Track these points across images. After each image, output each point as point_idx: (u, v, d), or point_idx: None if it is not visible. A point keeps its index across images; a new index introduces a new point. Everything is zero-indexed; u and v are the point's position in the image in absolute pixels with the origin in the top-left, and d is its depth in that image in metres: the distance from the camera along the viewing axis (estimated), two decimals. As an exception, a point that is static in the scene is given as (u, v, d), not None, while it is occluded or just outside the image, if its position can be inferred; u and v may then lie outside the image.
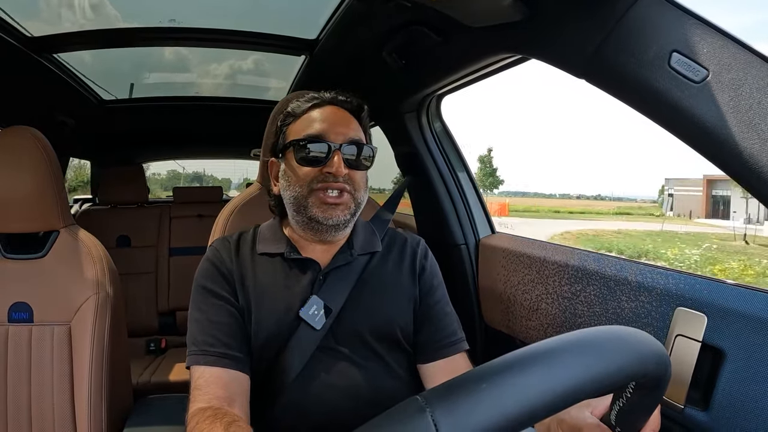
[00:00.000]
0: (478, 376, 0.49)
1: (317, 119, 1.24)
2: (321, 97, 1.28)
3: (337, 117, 1.25)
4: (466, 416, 0.45)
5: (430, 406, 0.45)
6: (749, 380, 0.94)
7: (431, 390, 0.49)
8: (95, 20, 1.97)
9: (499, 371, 0.50)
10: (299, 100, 1.30)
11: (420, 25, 1.53)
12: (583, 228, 30.01)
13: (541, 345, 0.53)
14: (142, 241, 3.55)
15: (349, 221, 1.23)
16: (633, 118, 20.17)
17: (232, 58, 2.61)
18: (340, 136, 1.21)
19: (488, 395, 0.47)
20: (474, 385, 0.48)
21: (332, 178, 1.19)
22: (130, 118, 3.24)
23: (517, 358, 0.51)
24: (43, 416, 1.40)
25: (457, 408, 0.46)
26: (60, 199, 1.49)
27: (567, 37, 1.11)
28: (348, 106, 1.29)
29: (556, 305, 1.48)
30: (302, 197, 1.21)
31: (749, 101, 0.83)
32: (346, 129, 1.23)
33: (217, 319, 1.18)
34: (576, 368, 0.50)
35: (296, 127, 1.26)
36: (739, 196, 33.50)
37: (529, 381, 0.49)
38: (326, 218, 1.19)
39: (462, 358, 1.28)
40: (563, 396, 0.49)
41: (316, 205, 1.19)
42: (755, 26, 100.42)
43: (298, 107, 1.28)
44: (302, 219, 1.23)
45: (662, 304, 1.14)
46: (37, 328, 1.42)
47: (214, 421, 0.96)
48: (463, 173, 2.13)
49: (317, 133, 1.21)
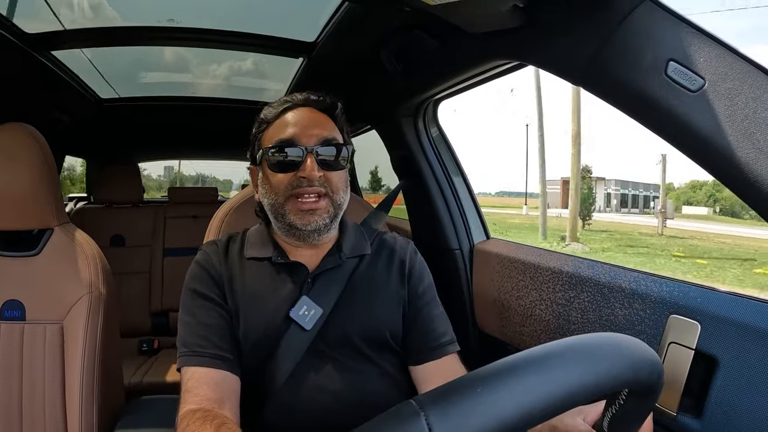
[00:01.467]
0: (473, 380, 0.49)
1: (289, 123, 1.23)
2: (292, 100, 1.27)
3: (309, 118, 1.24)
4: (461, 420, 0.45)
5: (425, 410, 0.45)
6: (742, 388, 0.95)
7: (425, 394, 0.48)
8: (93, 18, 1.97)
9: (494, 375, 0.49)
10: (271, 105, 1.29)
11: (418, 29, 1.53)
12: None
13: (536, 350, 0.53)
14: (137, 240, 3.53)
15: (329, 225, 1.23)
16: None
17: (230, 59, 2.60)
18: (312, 138, 1.20)
19: (483, 399, 0.47)
20: (469, 389, 0.48)
21: (307, 183, 1.17)
22: (126, 117, 3.23)
23: (512, 362, 0.51)
24: (34, 415, 1.39)
25: (452, 412, 0.46)
26: (55, 197, 1.48)
27: (564, 44, 1.11)
28: (321, 106, 1.27)
29: (550, 311, 1.48)
30: (279, 205, 1.21)
31: (745, 111, 0.84)
32: (319, 130, 1.22)
33: (208, 321, 1.17)
34: (569, 374, 0.51)
35: (269, 134, 1.25)
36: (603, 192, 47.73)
37: (523, 385, 0.49)
38: (304, 225, 1.19)
39: (453, 360, 1.28)
40: (557, 401, 0.49)
41: (293, 213, 1.19)
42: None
43: (270, 113, 1.27)
44: (282, 226, 1.23)
45: (656, 312, 1.14)
46: (29, 326, 1.41)
47: (204, 423, 0.95)
48: (459, 178, 2.13)
49: (288, 137, 1.20)
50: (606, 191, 48.03)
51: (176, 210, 3.68)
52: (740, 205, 46.91)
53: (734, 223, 28.74)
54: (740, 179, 0.85)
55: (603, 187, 46.78)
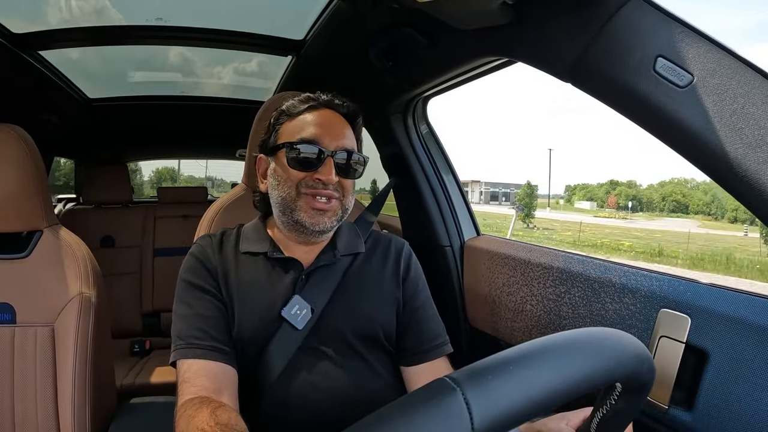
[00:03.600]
0: (504, 359, 0.51)
1: (312, 122, 1.23)
2: (317, 99, 1.27)
3: (332, 122, 1.24)
4: (496, 396, 0.47)
5: (460, 387, 0.46)
6: (732, 380, 0.96)
7: (458, 371, 0.49)
8: (81, 17, 1.95)
9: (523, 356, 0.52)
10: (294, 99, 1.28)
11: (407, 27, 1.53)
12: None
13: (550, 339, 0.55)
14: (127, 241, 3.52)
15: (334, 226, 1.24)
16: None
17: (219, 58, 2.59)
18: (333, 143, 1.20)
19: (517, 376, 0.48)
20: (502, 367, 0.49)
21: (322, 185, 1.18)
22: (115, 117, 3.20)
23: (537, 345, 0.53)
24: (27, 418, 1.38)
25: (488, 388, 0.47)
26: (43, 198, 1.47)
27: (553, 40, 1.11)
28: (343, 111, 1.28)
29: (541, 307, 1.49)
30: (290, 199, 1.20)
31: (733, 106, 0.84)
32: (340, 136, 1.22)
33: (204, 312, 1.17)
34: (579, 363, 0.53)
35: (290, 127, 1.24)
36: (478, 191, 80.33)
37: (549, 368, 0.51)
38: (313, 224, 1.19)
39: (444, 362, 1.29)
40: (574, 385, 0.51)
41: (303, 210, 1.19)
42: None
43: (294, 107, 1.26)
44: (288, 220, 1.23)
45: (646, 306, 1.15)
46: (19, 329, 1.40)
47: (200, 407, 0.95)
48: (449, 175, 2.13)
49: (311, 137, 1.20)
50: (480, 190, 78.34)
51: (166, 210, 3.66)
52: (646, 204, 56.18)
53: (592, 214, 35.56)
54: (729, 174, 0.86)
55: (478, 187, 78.75)
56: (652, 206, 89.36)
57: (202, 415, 0.92)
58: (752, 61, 0.84)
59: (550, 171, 31.15)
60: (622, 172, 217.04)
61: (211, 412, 0.92)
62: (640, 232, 45.61)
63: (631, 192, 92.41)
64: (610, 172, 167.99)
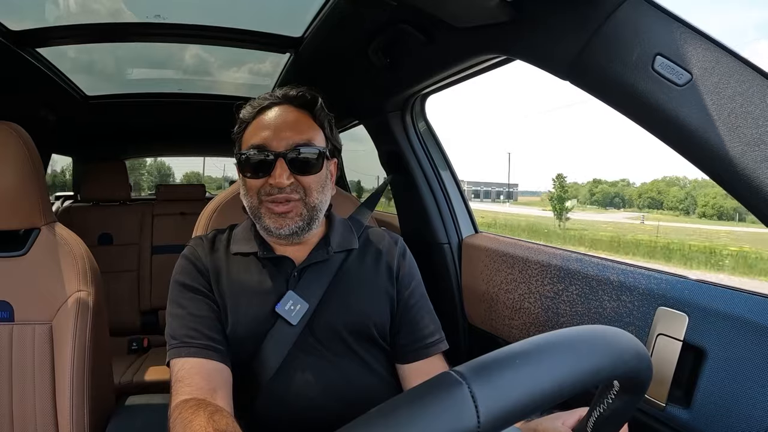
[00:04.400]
0: (509, 353, 0.51)
1: (262, 126, 1.21)
2: (270, 98, 1.24)
3: (283, 120, 1.21)
4: (502, 389, 0.47)
5: (466, 380, 0.46)
6: (730, 379, 0.96)
7: (463, 365, 0.49)
8: (78, 15, 1.95)
9: (528, 351, 0.52)
10: (251, 104, 1.26)
11: (406, 24, 1.53)
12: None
13: (554, 335, 0.55)
14: (125, 239, 3.51)
15: (305, 227, 1.21)
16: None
17: (217, 55, 2.59)
18: (282, 142, 1.17)
19: (522, 370, 0.49)
20: (507, 361, 0.49)
21: (276, 190, 1.17)
22: (113, 114, 3.19)
23: (541, 341, 0.54)
24: (25, 416, 1.37)
25: (494, 381, 0.47)
26: (41, 196, 1.47)
27: (552, 38, 1.11)
28: (299, 102, 1.24)
29: (539, 304, 1.49)
30: (255, 208, 1.21)
31: (732, 105, 0.84)
32: (292, 133, 1.19)
33: (197, 312, 1.17)
34: (569, 362, 0.52)
35: (246, 136, 1.24)
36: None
37: (553, 362, 0.51)
38: (278, 228, 1.18)
39: (439, 359, 1.29)
40: (578, 380, 0.51)
41: (267, 216, 1.19)
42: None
43: (248, 113, 1.25)
44: (260, 226, 1.23)
45: (644, 304, 1.15)
46: (18, 327, 1.39)
47: (197, 411, 0.94)
48: (447, 172, 2.13)
49: (259, 142, 1.18)
50: (464, 189, 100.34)
51: (164, 207, 3.65)
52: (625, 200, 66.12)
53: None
54: (727, 173, 0.86)
55: (463, 186, 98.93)
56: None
57: (199, 420, 0.91)
58: (750, 60, 0.84)
59: (509, 173, 37.66)
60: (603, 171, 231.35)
61: (209, 418, 0.91)
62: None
63: (612, 190, 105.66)
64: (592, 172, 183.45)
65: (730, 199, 20.28)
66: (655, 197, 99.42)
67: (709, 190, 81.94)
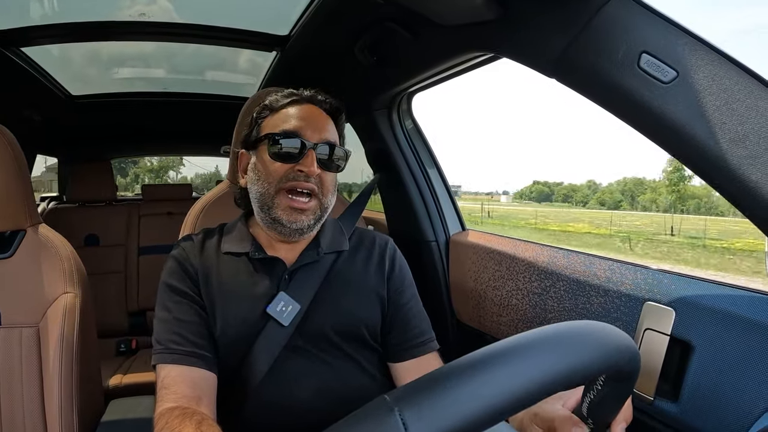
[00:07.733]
0: (446, 374, 0.49)
1: (294, 116, 1.22)
2: (300, 94, 1.26)
3: (314, 116, 1.23)
4: (435, 414, 0.45)
5: (398, 406, 0.45)
6: (717, 372, 0.97)
7: (398, 389, 0.48)
8: (63, 14, 1.92)
9: (467, 368, 0.49)
10: (277, 94, 1.27)
11: (392, 22, 1.53)
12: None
13: (510, 341, 0.53)
14: (111, 239, 3.47)
15: (313, 226, 1.22)
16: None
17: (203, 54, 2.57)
18: (315, 135, 1.19)
19: (457, 393, 0.47)
20: (442, 384, 0.48)
21: (303, 177, 1.17)
22: (99, 114, 3.15)
23: (485, 354, 0.51)
24: (14, 420, 1.36)
25: (426, 406, 0.45)
26: (27, 197, 1.45)
27: (538, 36, 1.12)
28: (325, 107, 1.27)
29: (527, 301, 1.50)
30: (269, 196, 1.19)
31: (717, 102, 0.85)
32: (322, 129, 1.21)
33: (184, 317, 1.16)
34: (545, 363, 0.51)
35: (272, 121, 1.23)
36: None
37: (497, 378, 0.48)
38: (290, 222, 1.18)
39: (433, 358, 1.29)
40: (532, 391, 0.49)
41: (281, 207, 1.18)
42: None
43: (276, 101, 1.25)
44: (266, 217, 1.21)
45: (631, 299, 1.17)
46: (4, 330, 1.37)
47: (183, 420, 0.94)
48: (434, 170, 2.13)
49: (293, 129, 1.19)
50: None
51: (151, 207, 3.61)
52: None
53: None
54: (712, 169, 0.87)
55: None
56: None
57: (188, 430, 0.91)
58: (735, 57, 0.85)
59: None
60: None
61: (196, 427, 0.91)
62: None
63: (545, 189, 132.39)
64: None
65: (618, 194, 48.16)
66: (567, 194, 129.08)
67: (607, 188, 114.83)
